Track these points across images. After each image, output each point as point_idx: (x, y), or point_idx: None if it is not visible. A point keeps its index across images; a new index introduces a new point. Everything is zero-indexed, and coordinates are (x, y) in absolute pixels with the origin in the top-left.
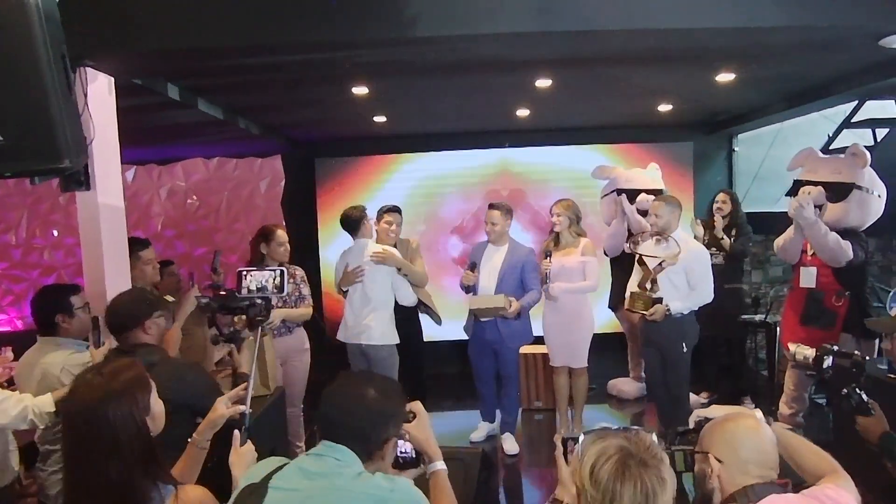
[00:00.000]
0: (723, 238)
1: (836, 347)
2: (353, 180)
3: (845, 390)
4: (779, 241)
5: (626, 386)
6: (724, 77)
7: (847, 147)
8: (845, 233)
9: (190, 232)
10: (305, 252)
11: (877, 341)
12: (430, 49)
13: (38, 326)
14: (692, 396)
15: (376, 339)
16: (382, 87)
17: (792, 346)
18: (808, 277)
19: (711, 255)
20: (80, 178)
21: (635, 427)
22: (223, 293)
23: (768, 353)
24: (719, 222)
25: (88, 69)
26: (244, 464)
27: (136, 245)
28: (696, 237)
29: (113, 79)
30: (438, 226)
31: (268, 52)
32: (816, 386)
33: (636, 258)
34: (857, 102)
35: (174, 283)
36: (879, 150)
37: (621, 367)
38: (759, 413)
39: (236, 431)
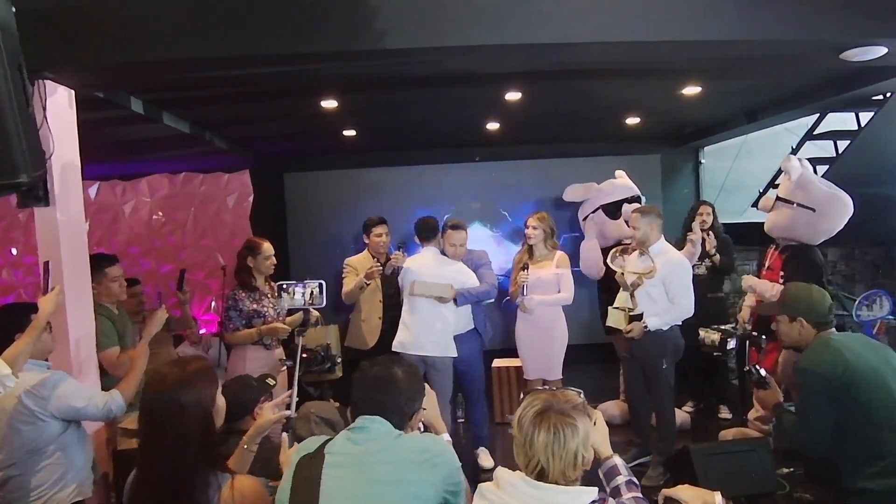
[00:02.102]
0: (715, 254)
1: (739, 331)
2: (322, 195)
3: (747, 367)
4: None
5: (615, 409)
6: (691, 90)
7: (810, 159)
8: (798, 247)
9: (155, 249)
10: (275, 268)
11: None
12: (399, 62)
13: None
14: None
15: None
16: (352, 101)
17: (701, 332)
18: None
19: (694, 266)
20: (38, 194)
21: (572, 388)
22: (305, 356)
23: (738, 362)
24: (698, 234)
25: (48, 81)
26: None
27: (102, 261)
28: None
29: (73, 91)
30: (409, 240)
31: (234, 65)
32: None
33: (615, 273)
34: (818, 115)
35: (136, 303)
36: (841, 161)
37: (599, 382)
38: (718, 498)
39: (284, 434)
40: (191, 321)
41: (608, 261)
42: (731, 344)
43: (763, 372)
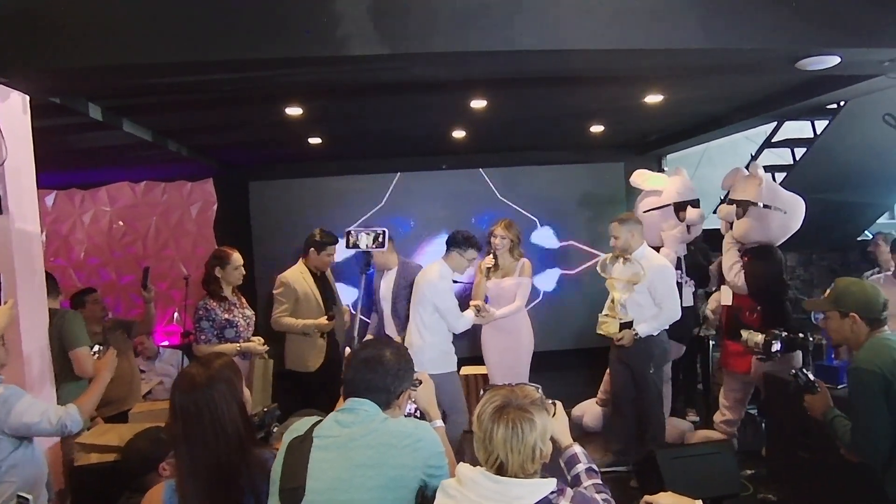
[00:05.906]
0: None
1: (784, 333)
2: (288, 204)
3: (794, 371)
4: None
5: (588, 418)
6: (653, 98)
7: (769, 166)
8: (759, 248)
9: (116, 260)
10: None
11: (800, 353)
12: (362, 68)
13: None
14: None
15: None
16: (317, 108)
17: (744, 333)
18: (726, 295)
19: None
20: None
21: (531, 384)
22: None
23: (702, 367)
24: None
25: (0, 86)
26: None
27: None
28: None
29: (28, 97)
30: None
31: (195, 71)
32: (754, 398)
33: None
34: (776, 124)
35: (99, 310)
36: (798, 169)
37: (575, 388)
38: None
39: (347, 348)
40: (154, 321)
41: (598, 268)
42: (776, 346)
43: (811, 376)
